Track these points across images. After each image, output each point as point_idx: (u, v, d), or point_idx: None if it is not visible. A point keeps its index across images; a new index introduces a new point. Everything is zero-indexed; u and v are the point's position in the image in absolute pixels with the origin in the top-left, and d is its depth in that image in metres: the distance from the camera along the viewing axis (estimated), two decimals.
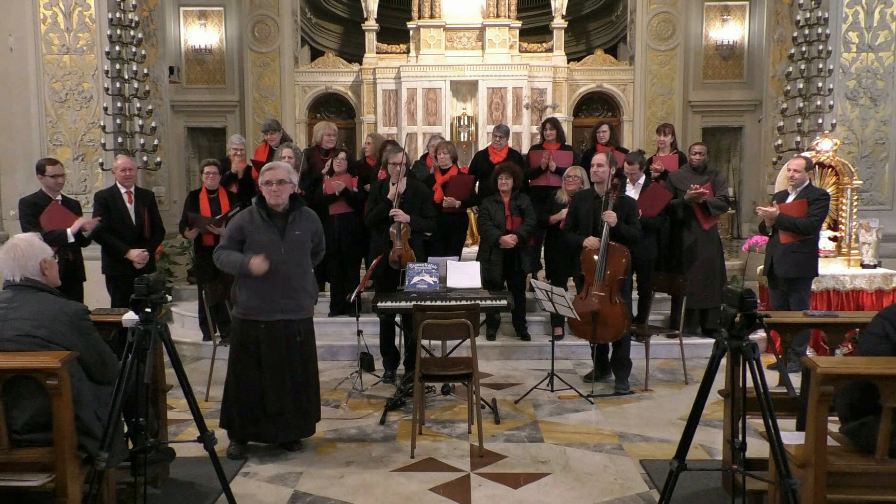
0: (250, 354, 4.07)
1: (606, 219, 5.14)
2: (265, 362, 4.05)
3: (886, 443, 2.82)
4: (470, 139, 11.97)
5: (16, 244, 3.13)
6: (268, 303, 4.04)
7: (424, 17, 12.23)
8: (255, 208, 4.10)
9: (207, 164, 6.32)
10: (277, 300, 4.05)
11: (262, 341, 4.05)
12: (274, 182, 3.99)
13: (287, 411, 4.10)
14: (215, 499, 3.54)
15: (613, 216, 5.15)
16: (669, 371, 5.95)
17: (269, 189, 4.01)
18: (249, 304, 4.05)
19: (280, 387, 4.07)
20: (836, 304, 6.37)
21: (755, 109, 11.51)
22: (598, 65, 12.56)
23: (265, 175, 4.04)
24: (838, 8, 7.35)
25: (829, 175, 6.86)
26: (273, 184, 4.00)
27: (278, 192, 4.01)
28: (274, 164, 4.14)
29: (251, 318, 4.06)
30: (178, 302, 7.50)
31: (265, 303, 4.03)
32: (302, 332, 4.14)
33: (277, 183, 4.00)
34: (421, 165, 7.13)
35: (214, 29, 12.19)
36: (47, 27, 7.57)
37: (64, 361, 2.86)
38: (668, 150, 6.88)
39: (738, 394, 2.85)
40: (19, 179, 7.58)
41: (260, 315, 4.04)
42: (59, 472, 2.89)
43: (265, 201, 4.05)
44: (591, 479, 3.81)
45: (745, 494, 2.87)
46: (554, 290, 5.03)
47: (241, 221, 4.08)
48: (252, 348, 4.06)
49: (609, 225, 5.15)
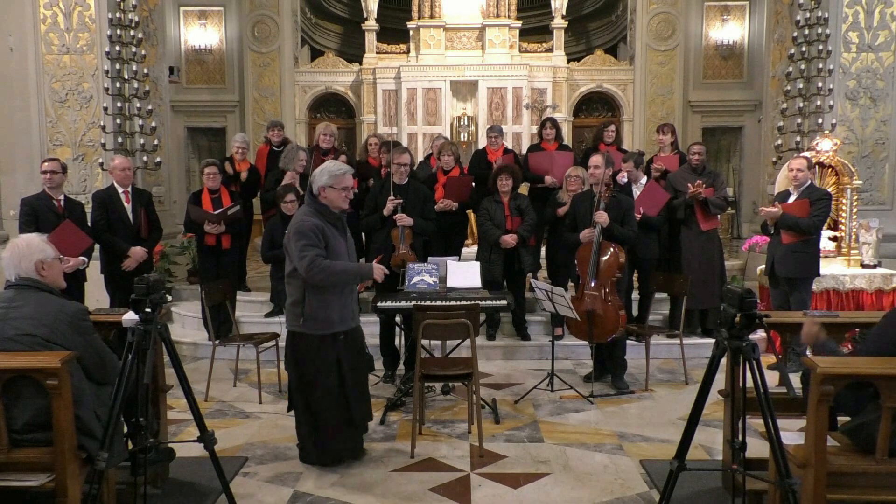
0: (331, 369, 3.85)
1: (597, 219, 5.17)
2: (347, 373, 3.88)
3: (886, 443, 2.82)
4: (470, 139, 11.98)
5: (15, 244, 3.14)
6: (346, 312, 3.89)
7: (424, 17, 12.24)
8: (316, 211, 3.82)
9: (208, 165, 6.34)
10: (351, 307, 3.95)
11: (341, 352, 3.87)
12: (349, 187, 3.85)
13: (367, 418, 4.08)
14: (215, 499, 3.53)
15: (604, 216, 5.18)
16: (669, 371, 5.94)
17: (346, 195, 3.84)
18: (329, 317, 3.82)
19: (361, 395, 4.00)
20: (836, 304, 6.38)
21: (755, 109, 11.52)
22: (598, 65, 12.56)
23: (342, 179, 3.81)
24: (838, 8, 7.35)
25: (829, 175, 6.86)
26: (348, 189, 3.84)
27: (349, 198, 3.89)
28: (345, 168, 3.90)
29: (330, 331, 3.84)
30: (178, 302, 7.49)
31: (344, 312, 3.88)
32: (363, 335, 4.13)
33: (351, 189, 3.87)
34: (424, 165, 7.15)
35: (214, 29, 12.20)
36: (47, 27, 7.57)
37: (64, 361, 2.86)
38: (668, 150, 6.89)
39: (738, 394, 2.85)
40: (19, 179, 7.57)
41: (340, 326, 3.86)
42: (58, 472, 2.89)
43: (328, 206, 3.82)
44: (591, 479, 3.81)
45: (745, 494, 2.87)
46: (554, 290, 5.03)
47: (317, 224, 3.76)
48: (332, 362, 3.85)
49: (601, 225, 5.18)
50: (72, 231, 5.15)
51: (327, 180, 3.79)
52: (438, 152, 6.64)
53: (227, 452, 4.12)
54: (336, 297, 3.83)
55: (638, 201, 5.86)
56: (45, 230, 4.68)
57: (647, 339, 5.61)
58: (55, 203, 5.43)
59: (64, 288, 3.25)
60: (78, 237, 5.21)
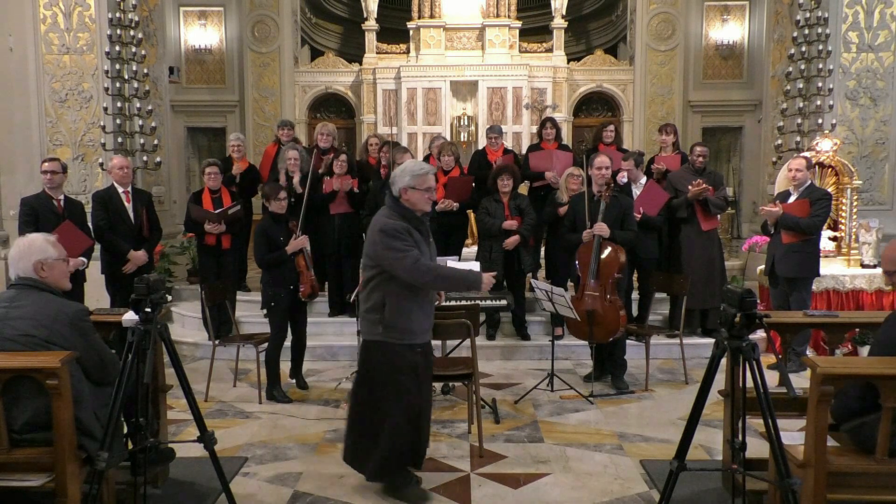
0: (412, 380, 3.54)
1: (597, 231, 5.17)
2: (424, 385, 3.64)
3: (886, 443, 2.82)
4: (470, 139, 11.97)
5: (17, 243, 3.16)
6: (426, 323, 3.62)
7: (424, 17, 12.23)
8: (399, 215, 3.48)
9: (208, 165, 6.34)
10: (431, 318, 3.69)
11: (420, 363, 3.58)
12: (433, 188, 3.54)
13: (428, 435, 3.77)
14: (215, 499, 3.53)
15: (605, 229, 5.17)
16: (669, 371, 5.94)
17: (429, 196, 3.52)
18: (422, 326, 3.56)
19: (429, 407, 3.75)
20: (836, 304, 6.38)
21: (755, 109, 11.51)
22: (598, 65, 12.55)
23: (425, 180, 3.48)
24: (838, 8, 7.34)
25: (828, 175, 6.86)
26: (432, 190, 3.53)
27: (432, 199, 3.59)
28: (427, 168, 3.57)
29: (417, 341, 3.54)
30: (178, 302, 7.49)
31: (425, 322, 3.60)
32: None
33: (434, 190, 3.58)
34: None
35: (214, 29, 12.19)
36: (47, 27, 7.56)
37: (64, 361, 2.86)
38: (669, 150, 6.88)
39: (738, 394, 2.85)
40: (19, 179, 7.57)
41: (420, 338, 3.57)
42: (58, 472, 2.89)
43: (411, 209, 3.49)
44: (591, 479, 3.81)
45: (745, 494, 2.87)
46: (554, 290, 5.03)
47: (404, 226, 3.44)
48: (415, 373, 3.55)
49: (602, 236, 5.19)
50: (72, 232, 5.12)
51: (409, 181, 3.44)
52: (438, 152, 6.65)
53: (227, 452, 4.11)
54: (417, 305, 3.52)
55: (638, 201, 5.86)
56: (45, 230, 4.59)
57: (647, 339, 5.61)
58: (55, 203, 5.42)
59: (68, 289, 3.24)
60: (78, 238, 5.20)
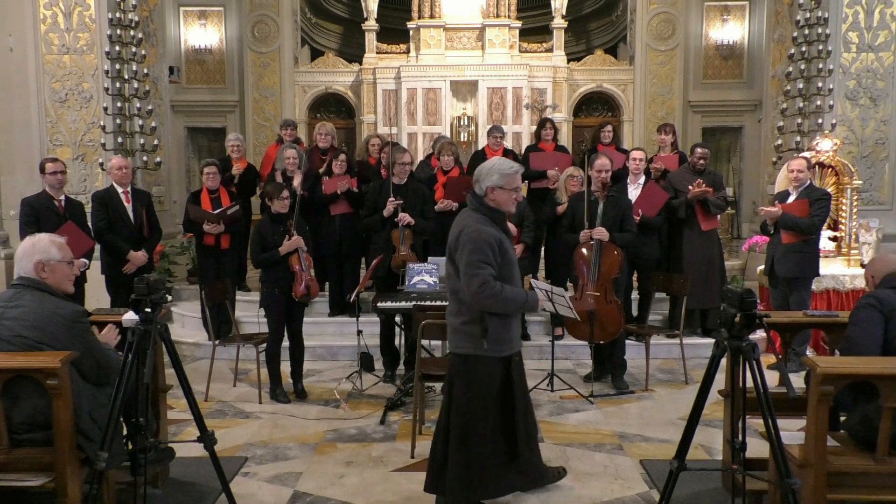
0: (502, 395, 3.32)
1: (596, 236, 5.17)
2: (518, 399, 3.35)
3: (886, 443, 2.82)
4: (470, 139, 11.97)
5: (23, 243, 3.16)
6: (518, 329, 3.45)
7: (424, 17, 12.23)
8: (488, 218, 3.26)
9: (207, 165, 6.33)
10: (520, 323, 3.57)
11: (513, 376, 3.35)
12: (519, 188, 3.35)
13: (533, 448, 3.49)
14: (215, 499, 3.54)
15: (604, 233, 5.18)
16: (669, 371, 5.94)
17: (516, 196, 3.32)
18: (512, 335, 3.36)
19: (528, 424, 3.46)
20: (836, 304, 6.37)
21: (755, 109, 11.52)
22: (598, 65, 12.56)
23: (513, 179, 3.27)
24: (838, 8, 7.34)
25: (828, 175, 6.85)
26: (518, 191, 3.34)
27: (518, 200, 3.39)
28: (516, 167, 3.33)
29: (507, 352, 3.33)
30: (178, 302, 7.49)
31: (517, 329, 3.44)
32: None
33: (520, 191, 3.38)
34: (425, 165, 7.15)
35: (214, 29, 12.19)
36: (47, 27, 7.56)
37: (64, 361, 2.86)
38: (668, 150, 6.88)
39: (738, 394, 2.85)
40: (19, 179, 7.57)
41: (514, 346, 3.37)
42: (58, 472, 2.89)
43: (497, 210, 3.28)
44: (591, 479, 3.81)
45: (745, 494, 2.87)
46: (554, 290, 5.00)
47: (495, 236, 3.22)
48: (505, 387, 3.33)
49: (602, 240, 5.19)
50: (74, 232, 5.11)
51: (497, 180, 3.24)
52: (438, 152, 6.64)
53: (227, 452, 4.11)
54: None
55: (637, 202, 5.85)
56: (46, 231, 4.63)
57: (647, 339, 5.61)
58: (56, 203, 5.43)
59: (71, 293, 3.22)
60: (80, 238, 5.19)
